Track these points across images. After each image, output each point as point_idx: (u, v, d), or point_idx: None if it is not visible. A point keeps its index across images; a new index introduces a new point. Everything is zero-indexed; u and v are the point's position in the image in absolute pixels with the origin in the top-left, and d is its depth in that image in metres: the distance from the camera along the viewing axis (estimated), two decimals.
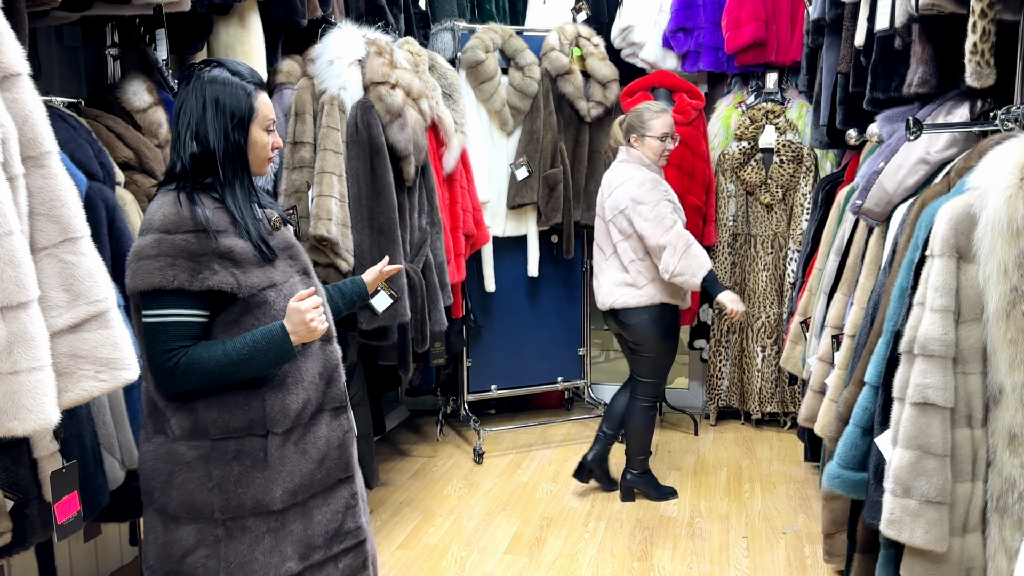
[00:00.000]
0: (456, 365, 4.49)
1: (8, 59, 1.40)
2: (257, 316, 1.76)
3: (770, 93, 4.41)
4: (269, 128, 1.84)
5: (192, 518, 1.77)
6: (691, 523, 3.47)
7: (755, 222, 4.43)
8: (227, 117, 1.76)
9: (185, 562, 1.77)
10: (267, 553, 1.79)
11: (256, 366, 1.72)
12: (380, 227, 3.11)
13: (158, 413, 1.79)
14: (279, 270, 1.82)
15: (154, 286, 1.67)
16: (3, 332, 1.32)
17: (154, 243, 1.69)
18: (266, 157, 1.85)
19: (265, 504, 1.78)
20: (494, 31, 4.17)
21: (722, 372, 4.59)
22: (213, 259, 1.71)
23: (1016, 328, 1.74)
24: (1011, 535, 1.77)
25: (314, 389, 1.85)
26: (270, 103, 1.85)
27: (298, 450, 1.82)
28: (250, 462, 1.77)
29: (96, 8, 2.19)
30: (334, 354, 1.92)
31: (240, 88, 1.78)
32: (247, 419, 1.77)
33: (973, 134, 2.28)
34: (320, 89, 3.10)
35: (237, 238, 1.75)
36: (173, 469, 1.76)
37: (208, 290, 1.70)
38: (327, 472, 1.88)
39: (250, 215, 1.79)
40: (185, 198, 1.73)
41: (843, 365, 2.60)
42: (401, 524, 3.51)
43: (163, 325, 1.70)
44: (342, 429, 1.91)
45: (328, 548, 1.88)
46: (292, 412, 1.80)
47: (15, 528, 1.68)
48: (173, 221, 1.70)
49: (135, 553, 3.03)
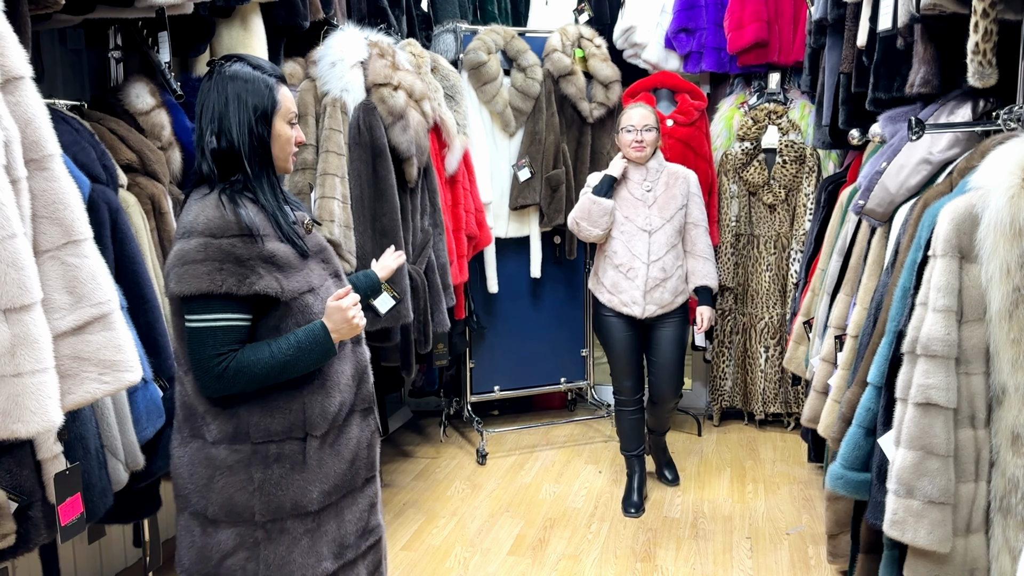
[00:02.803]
0: (459, 366, 4.49)
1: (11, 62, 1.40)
2: (298, 320, 1.77)
3: (772, 93, 4.40)
4: (292, 121, 1.83)
5: (232, 521, 1.77)
6: (694, 524, 3.46)
7: (758, 222, 4.43)
8: (250, 111, 1.75)
9: (224, 565, 1.77)
10: (304, 554, 1.81)
11: (301, 366, 1.74)
12: (383, 229, 3.12)
13: (195, 418, 1.78)
14: (315, 273, 1.82)
15: (202, 291, 1.66)
16: (6, 334, 1.33)
17: (200, 247, 1.67)
18: (291, 152, 1.84)
19: (303, 505, 1.80)
20: (496, 32, 4.17)
21: (725, 373, 4.58)
22: (259, 263, 1.70)
23: (1019, 328, 1.74)
24: (1015, 535, 1.77)
25: (348, 391, 1.87)
26: (291, 96, 1.84)
27: (333, 451, 1.84)
28: (290, 465, 1.78)
29: (99, 11, 2.19)
30: (364, 355, 1.95)
31: (262, 82, 1.77)
32: (288, 422, 1.78)
33: (975, 134, 2.27)
34: (322, 91, 3.11)
35: (278, 242, 1.74)
36: (213, 473, 1.76)
37: (255, 294, 1.70)
38: (356, 472, 1.90)
39: (283, 215, 1.78)
40: (228, 200, 1.71)
41: (846, 366, 2.59)
42: (405, 525, 3.51)
43: (211, 330, 1.68)
44: (370, 429, 1.94)
45: (358, 546, 1.91)
46: (330, 415, 1.82)
47: (19, 530, 1.69)
48: (218, 225, 1.68)
49: (139, 555, 3.03)
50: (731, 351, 4.56)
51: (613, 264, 3.45)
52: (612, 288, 3.46)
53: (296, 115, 1.84)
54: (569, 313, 4.60)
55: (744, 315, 4.51)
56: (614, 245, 3.44)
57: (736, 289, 4.51)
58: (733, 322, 4.54)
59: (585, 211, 3.41)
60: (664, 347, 3.52)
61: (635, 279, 3.41)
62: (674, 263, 3.44)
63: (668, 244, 3.41)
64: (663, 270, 3.41)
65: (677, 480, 3.85)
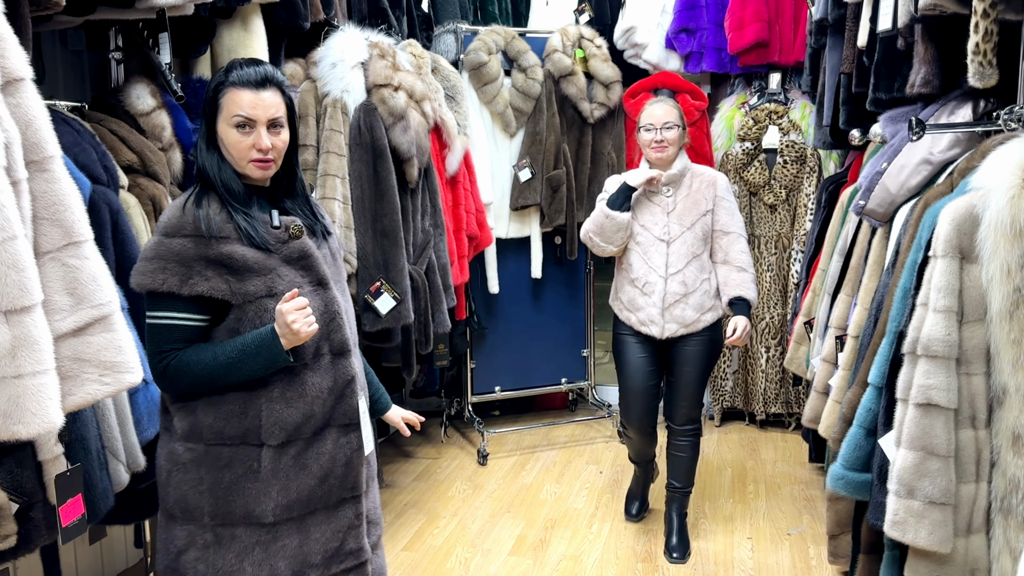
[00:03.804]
0: (460, 367, 4.49)
1: (11, 64, 1.40)
2: (254, 323, 1.74)
3: (773, 94, 4.40)
4: (239, 124, 1.72)
5: (185, 519, 1.78)
6: (695, 524, 3.46)
7: (759, 223, 4.42)
8: (204, 115, 1.76)
9: (180, 560, 1.78)
10: (256, 565, 1.77)
11: (247, 369, 1.71)
12: (383, 229, 3.12)
13: (166, 412, 1.82)
14: (285, 279, 1.77)
15: (146, 287, 1.70)
16: (7, 336, 1.33)
17: (154, 245, 1.71)
18: (244, 157, 1.74)
19: (256, 515, 1.76)
20: (497, 33, 4.17)
21: (726, 373, 4.58)
22: (206, 265, 1.70)
23: (1019, 329, 1.74)
24: (1015, 536, 1.77)
25: (320, 404, 1.80)
26: (250, 100, 1.72)
27: (297, 464, 1.78)
28: (242, 471, 1.76)
29: (100, 12, 2.19)
30: (347, 369, 1.85)
31: (213, 84, 1.75)
32: (243, 428, 1.76)
33: (976, 134, 2.27)
34: (323, 92, 3.11)
35: (239, 244, 1.73)
36: (172, 468, 1.78)
37: (199, 295, 1.70)
38: (329, 490, 1.83)
39: (244, 218, 1.74)
40: (192, 201, 1.73)
41: (847, 366, 2.59)
42: (406, 526, 3.51)
43: (157, 327, 1.72)
44: (350, 447, 1.85)
45: (326, 567, 1.83)
46: (290, 425, 1.77)
47: (20, 531, 1.69)
48: (173, 225, 1.71)
49: (140, 555, 3.03)
50: (732, 351, 4.56)
51: (629, 279, 3.12)
52: (629, 305, 3.14)
53: (244, 118, 1.72)
54: (570, 313, 4.60)
55: None
56: (630, 257, 3.10)
57: None
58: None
59: (598, 225, 3.07)
60: (683, 364, 3.11)
61: (652, 294, 3.05)
62: (697, 276, 3.04)
63: (689, 254, 3.02)
64: (683, 284, 3.02)
65: (684, 558, 3.19)
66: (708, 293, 3.07)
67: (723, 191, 3.12)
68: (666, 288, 3.03)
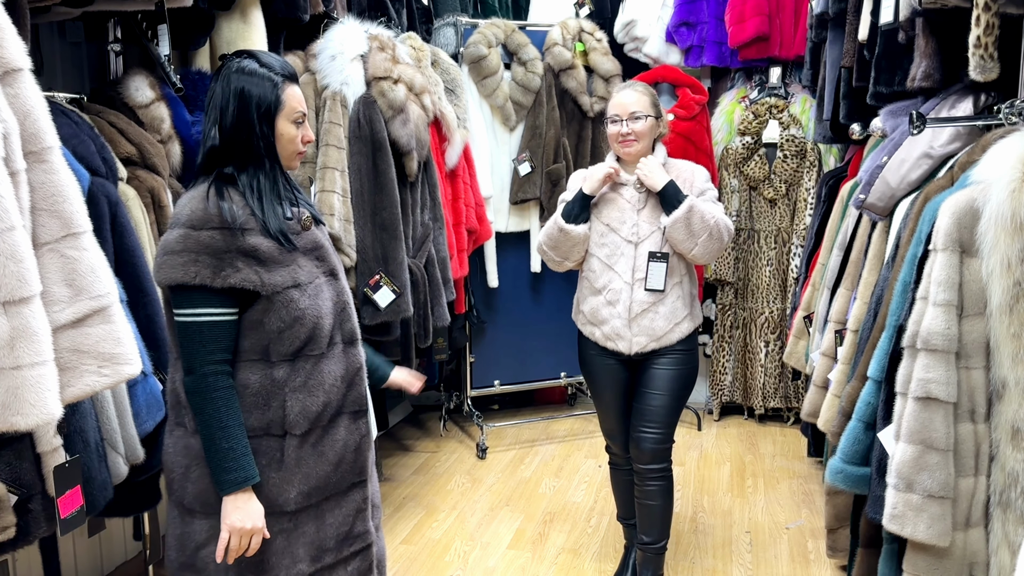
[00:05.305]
0: (459, 360, 4.50)
1: (10, 54, 1.39)
2: (280, 315, 1.75)
3: (773, 88, 4.40)
4: (297, 121, 1.82)
5: (206, 513, 1.77)
6: (694, 518, 3.47)
7: (758, 217, 4.42)
8: (253, 108, 1.75)
9: (199, 555, 1.78)
10: (279, 554, 1.79)
11: (215, 456, 1.70)
12: (383, 223, 3.11)
13: (180, 406, 1.79)
14: (304, 269, 1.79)
15: (177, 281, 1.68)
16: (6, 327, 1.32)
17: (180, 238, 1.69)
18: (295, 151, 1.84)
19: (279, 505, 1.78)
20: (497, 26, 4.16)
21: (725, 367, 4.59)
22: (237, 256, 1.70)
23: (1019, 322, 1.74)
24: (1014, 530, 1.77)
25: (335, 392, 1.84)
26: (301, 96, 1.83)
27: (315, 452, 1.81)
28: (265, 462, 1.77)
29: (98, 4, 2.19)
30: (357, 357, 1.90)
31: (267, 79, 1.77)
32: (266, 419, 1.77)
33: (977, 128, 2.27)
34: (322, 85, 3.10)
35: (261, 236, 1.74)
36: (190, 463, 1.77)
37: (230, 288, 1.70)
38: (342, 475, 1.86)
39: (271, 209, 1.76)
40: (214, 193, 1.72)
41: (846, 360, 2.59)
42: (404, 519, 3.51)
43: (197, 326, 1.70)
44: (360, 433, 1.89)
45: (339, 551, 1.87)
46: (312, 414, 1.79)
47: (19, 523, 1.69)
48: (200, 217, 1.70)
49: (139, 548, 3.04)
50: (731, 346, 4.56)
51: (592, 288, 2.73)
52: (592, 318, 2.74)
53: (303, 114, 1.82)
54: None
55: (744, 310, 4.51)
56: (592, 263, 2.72)
57: (736, 284, 4.51)
58: (733, 317, 4.54)
59: (552, 239, 2.71)
60: (652, 389, 2.70)
61: (616, 304, 2.66)
62: (668, 280, 2.66)
63: None
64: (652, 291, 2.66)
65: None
66: (682, 299, 2.68)
67: (703, 183, 2.70)
68: (632, 296, 2.65)
